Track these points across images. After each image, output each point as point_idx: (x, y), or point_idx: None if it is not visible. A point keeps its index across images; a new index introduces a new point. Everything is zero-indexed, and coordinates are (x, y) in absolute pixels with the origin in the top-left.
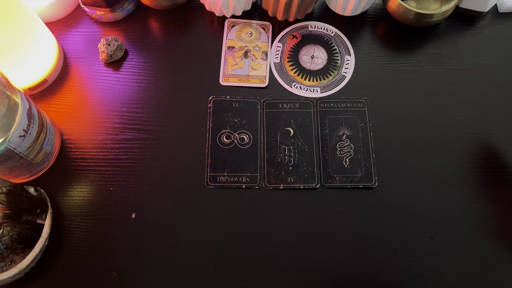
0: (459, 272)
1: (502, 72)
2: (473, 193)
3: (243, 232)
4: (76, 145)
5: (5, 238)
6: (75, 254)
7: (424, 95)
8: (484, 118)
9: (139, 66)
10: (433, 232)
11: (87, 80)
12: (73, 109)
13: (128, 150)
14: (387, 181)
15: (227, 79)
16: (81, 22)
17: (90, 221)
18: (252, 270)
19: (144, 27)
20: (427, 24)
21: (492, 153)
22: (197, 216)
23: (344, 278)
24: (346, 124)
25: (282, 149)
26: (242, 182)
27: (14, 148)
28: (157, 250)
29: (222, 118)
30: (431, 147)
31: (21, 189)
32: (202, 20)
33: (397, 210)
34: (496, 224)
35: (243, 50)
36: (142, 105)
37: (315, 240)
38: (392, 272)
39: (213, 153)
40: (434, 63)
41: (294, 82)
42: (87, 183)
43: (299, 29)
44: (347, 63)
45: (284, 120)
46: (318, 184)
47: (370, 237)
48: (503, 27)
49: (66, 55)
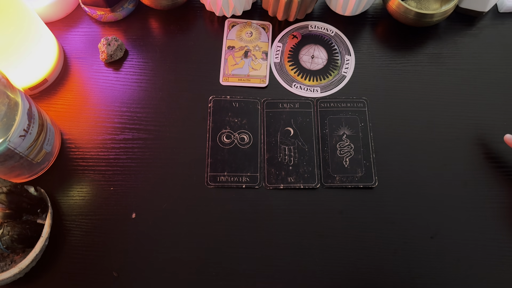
0: (459, 272)
1: (502, 72)
2: (473, 193)
3: (243, 232)
4: (76, 145)
5: (5, 238)
6: (75, 254)
7: (424, 95)
8: (484, 118)
9: (139, 66)
10: (433, 232)
11: (87, 80)
12: (73, 109)
13: (128, 150)
14: (387, 181)
15: (227, 79)
16: (81, 22)
17: (90, 221)
18: (252, 270)
19: (144, 27)
20: (427, 24)
21: (492, 153)
22: (197, 216)
23: (344, 278)
24: (346, 124)
25: (282, 149)
26: (242, 182)
27: (14, 148)
28: (157, 250)
29: (222, 118)
30: (431, 147)
31: (21, 189)
32: (202, 20)
33: (397, 210)
34: (496, 224)
35: (243, 50)
36: (142, 105)
37: (315, 240)
38: (392, 272)
39: (213, 153)
40: (434, 63)
41: (294, 82)
42: (87, 183)
43: (299, 29)
44: (347, 63)
45: (284, 120)
46: (318, 184)
47: (370, 237)
48: (503, 27)
49: (66, 55)
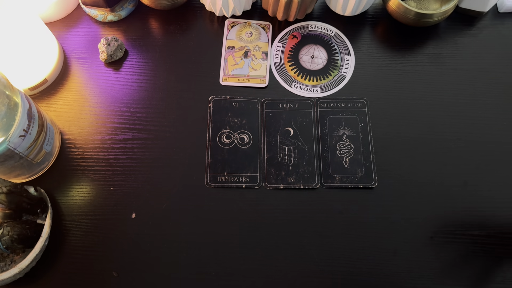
0: (459, 272)
1: (502, 72)
2: (473, 193)
3: (243, 232)
4: (76, 145)
5: (5, 238)
6: (75, 254)
7: (424, 95)
8: (484, 118)
9: (139, 66)
10: (433, 232)
11: (87, 80)
12: (73, 109)
13: (128, 150)
14: (387, 181)
15: (227, 79)
16: (81, 22)
17: (90, 221)
18: (252, 270)
19: (144, 27)
20: (427, 24)
21: (492, 153)
22: (197, 216)
23: (344, 278)
24: (346, 124)
25: (282, 149)
26: (242, 182)
27: (14, 148)
28: (157, 250)
29: (222, 118)
30: (431, 147)
31: (21, 189)
32: (202, 20)
33: (397, 210)
34: (496, 224)
35: (243, 50)
36: (142, 105)
37: (315, 240)
38: (392, 272)
39: (213, 153)
40: (434, 63)
41: (294, 82)
42: (87, 183)
43: (299, 29)
44: (347, 63)
45: (284, 120)
46: (318, 184)
47: (370, 237)
48: (503, 27)
49: (66, 55)
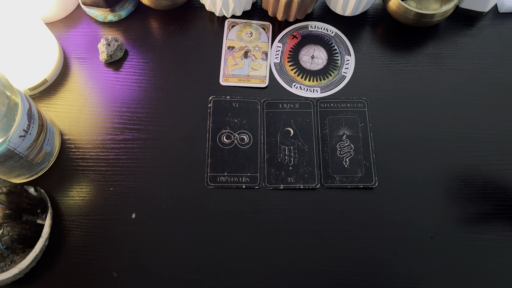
0: (459, 272)
1: (502, 72)
2: (473, 193)
3: (243, 232)
4: (76, 145)
5: (5, 238)
6: (75, 254)
7: (424, 95)
8: (484, 118)
9: (139, 66)
10: (433, 232)
11: (87, 80)
12: (73, 109)
13: (128, 150)
14: (387, 181)
15: (227, 79)
16: (81, 22)
17: (90, 221)
18: (252, 270)
19: (144, 27)
20: (427, 24)
21: (492, 153)
22: (197, 216)
23: (344, 278)
24: (346, 124)
25: (282, 149)
26: (242, 182)
27: (14, 148)
28: (157, 250)
29: (222, 118)
30: (431, 147)
31: (21, 189)
32: (202, 20)
33: (397, 210)
34: (496, 224)
35: (243, 50)
36: (142, 105)
37: (315, 240)
38: (392, 272)
39: (213, 153)
40: (434, 63)
41: (294, 82)
42: (87, 183)
43: (299, 29)
44: (347, 63)
45: (284, 120)
46: (318, 184)
47: (370, 237)
48: (503, 27)
49: (66, 55)
